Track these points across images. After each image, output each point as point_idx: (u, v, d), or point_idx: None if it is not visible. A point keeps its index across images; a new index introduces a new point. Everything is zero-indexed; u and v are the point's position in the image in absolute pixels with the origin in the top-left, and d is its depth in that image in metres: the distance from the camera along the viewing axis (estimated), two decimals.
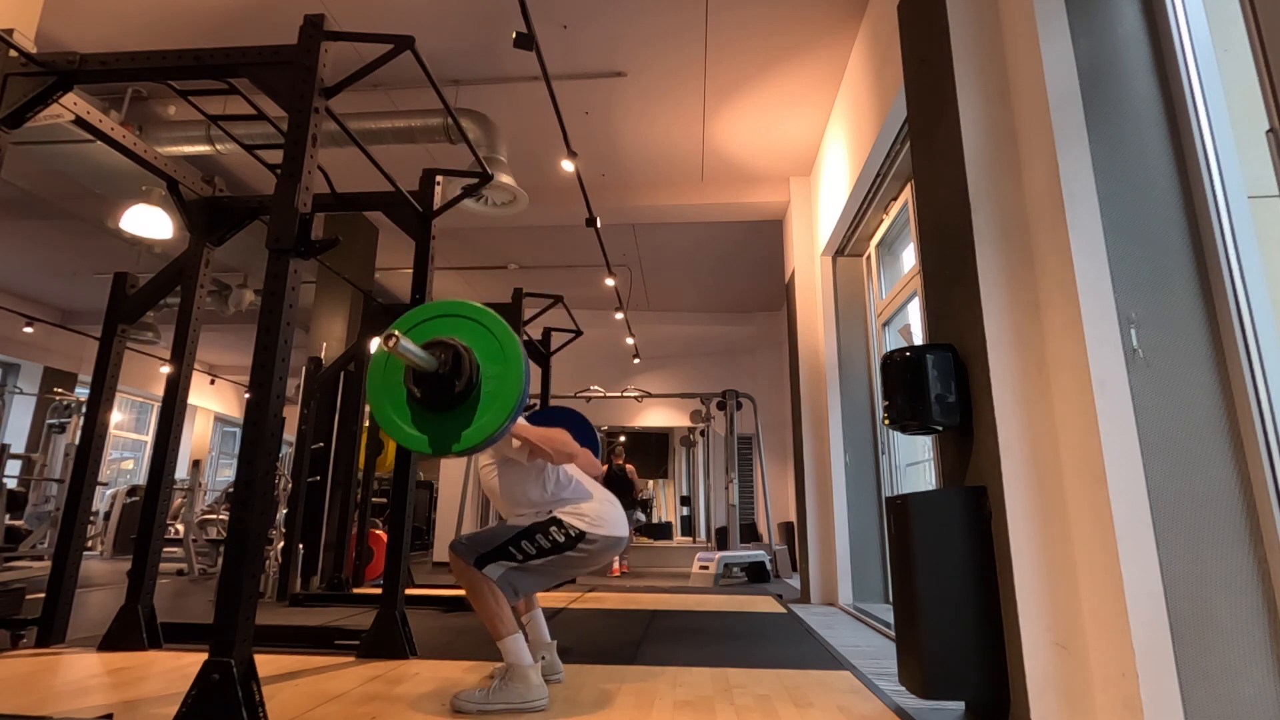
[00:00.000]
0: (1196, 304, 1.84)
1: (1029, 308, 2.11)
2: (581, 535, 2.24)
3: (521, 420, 2.23)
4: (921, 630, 2.02)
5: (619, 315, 8.04)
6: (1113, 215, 1.91)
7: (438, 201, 3.39)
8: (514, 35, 3.21)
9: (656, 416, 11.95)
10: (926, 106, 2.61)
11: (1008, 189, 2.20)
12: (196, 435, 13.63)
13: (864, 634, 3.73)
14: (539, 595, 2.57)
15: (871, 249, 5.01)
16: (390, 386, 1.94)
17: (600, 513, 2.30)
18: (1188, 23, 1.97)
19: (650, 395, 8.95)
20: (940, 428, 2.26)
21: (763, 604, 4.72)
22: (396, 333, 1.72)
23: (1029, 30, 2.11)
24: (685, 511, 15.22)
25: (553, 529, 2.23)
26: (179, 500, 7.58)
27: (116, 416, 12.16)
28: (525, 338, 5.40)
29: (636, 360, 10.67)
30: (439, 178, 3.43)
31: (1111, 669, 1.71)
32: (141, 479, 11.64)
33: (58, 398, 8.23)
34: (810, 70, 4.53)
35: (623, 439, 11.20)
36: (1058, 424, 1.99)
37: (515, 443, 2.22)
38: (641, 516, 11.50)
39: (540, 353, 5.93)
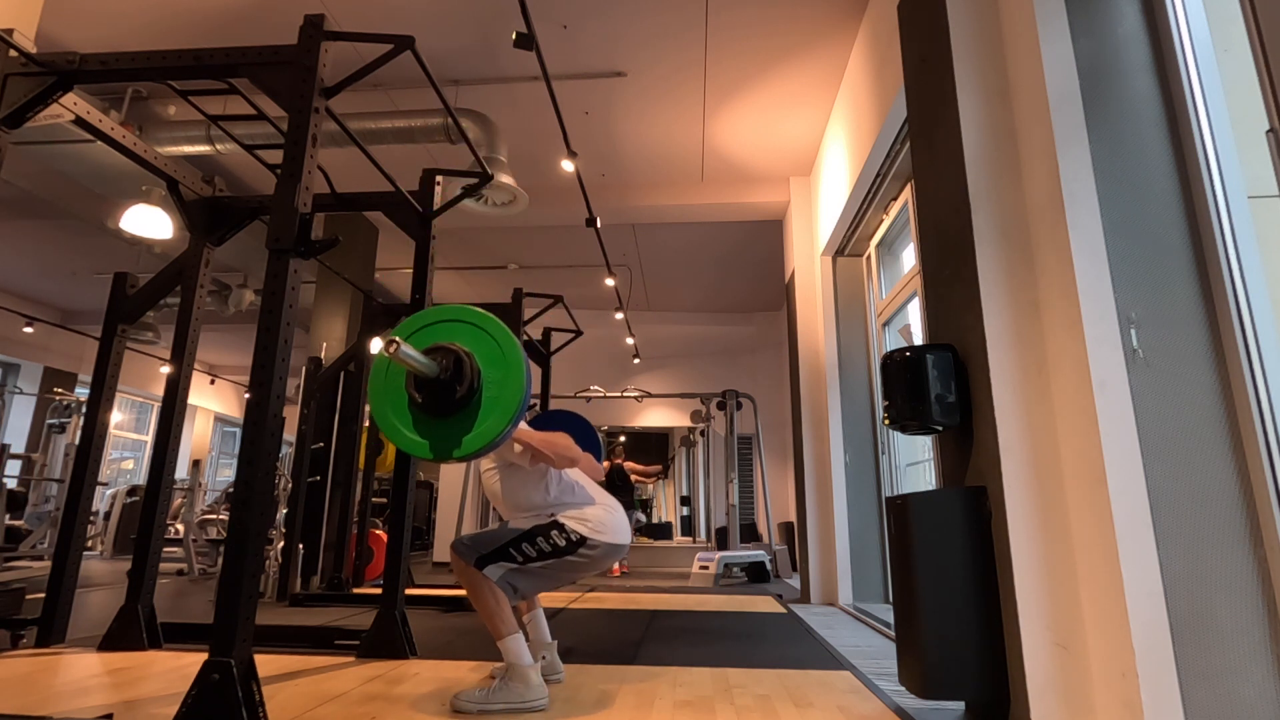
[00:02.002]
0: (1196, 304, 1.84)
1: (1029, 308, 2.11)
2: (583, 540, 2.23)
3: (523, 424, 2.23)
4: (921, 630, 2.02)
5: (619, 315, 8.03)
6: (1113, 215, 1.91)
7: (438, 201, 3.39)
8: (514, 35, 3.21)
9: (656, 416, 11.95)
10: (926, 106, 2.61)
11: (1008, 189, 2.20)
12: (196, 435, 13.63)
13: (864, 634, 3.73)
14: (540, 595, 2.57)
15: (871, 249, 5.01)
16: (392, 391, 1.94)
17: (603, 518, 2.29)
18: (1188, 23, 1.97)
19: (650, 395, 8.95)
20: (940, 428, 2.26)
21: (763, 604, 4.72)
22: (398, 339, 1.72)
23: (1029, 30, 2.11)
24: (685, 511, 15.21)
25: (554, 532, 2.22)
26: (179, 500, 7.58)
27: (116, 416, 12.16)
28: (525, 338, 5.40)
29: (636, 360, 10.67)
30: (439, 178, 3.43)
31: (1111, 669, 1.71)
32: (141, 479, 11.64)
33: (58, 398, 8.23)
34: (810, 70, 4.53)
35: (623, 439, 11.20)
36: (1058, 424, 1.99)
37: (517, 447, 2.22)
38: (642, 517, 11.50)
39: (540, 353, 5.93)
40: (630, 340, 9.30)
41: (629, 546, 2.39)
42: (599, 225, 5.28)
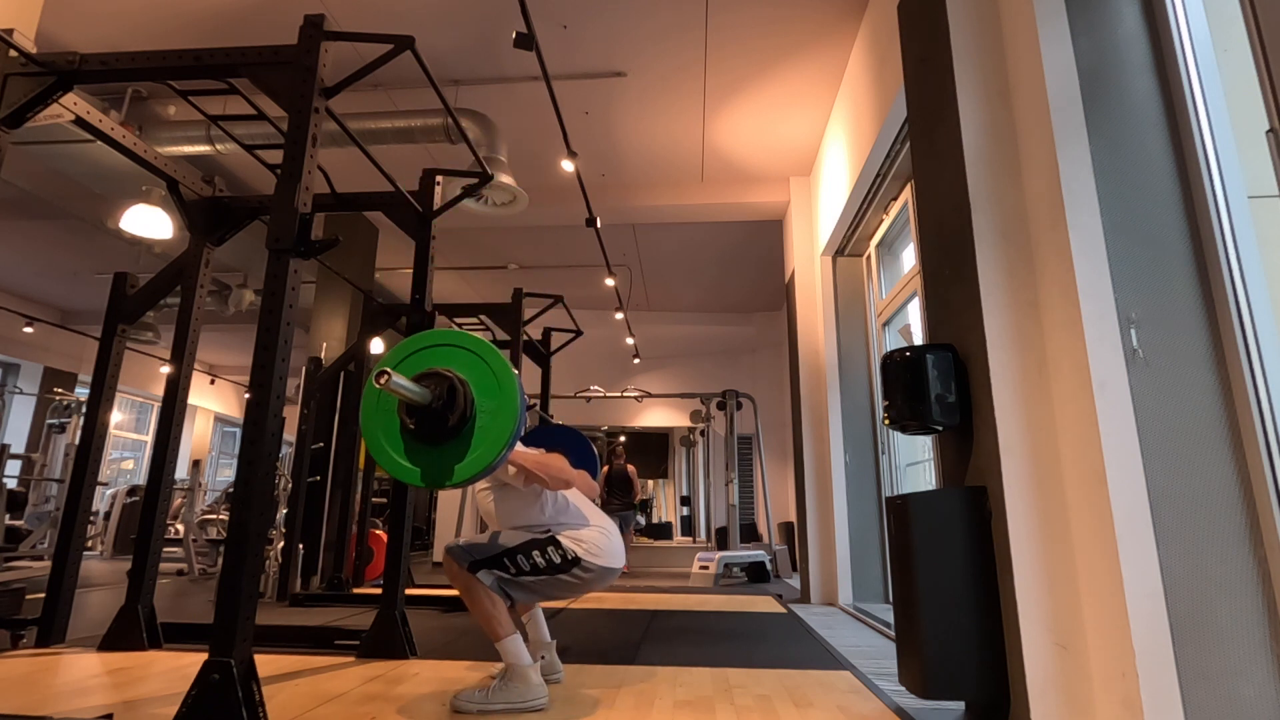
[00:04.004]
0: (1196, 304, 1.84)
1: (1029, 308, 2.11)
2: (578, 560, 2.21)
3: (518, 445, 2.22)
4: (921, 630, 2.02)
5: (619, 315, 8.04)
6: (1113, 215, 1.91)
7: (438, 201, 3.39)
8: (514, 35, 3.21)
9: (656, 416, 11.95)
10: (926, 106, 2.61)
11: (1008, 189, 2.20)
12: (196, 435, 13.63)
13: (864, 634, 3.73)
14: None
15: (871, 249, 5.01)
16: (384, 416, 1.92)
17: (598, 542, 2.27)
18: (1188, 23, 1.97)
19: (650, 395, 8.95)
20: (940, 428, 2.26)
21: (763, 604, 4.72)
22: (389, 370, 1.70)
23: (1029, 30, 2.11)
24: (685, 511, 15.22)
25: (550, 548, 2.20)
26: (179, 500, 7.58)
27: (116, 416, 12.16)
28: (525, 338, 5.40)
29: (636, 360, 10.67)
30: (439, 178, 3.43)
31: (1111, 669, 1.71)
32: (141, 479, 11.65)
33: (58, 398, 8.23)
34: (810, 70, 4.53)
35: (623, 439, 11.20)
36: (1058, 424, 1.99)
37: (511, 469, 2.20)
38: (641, 520, 11.50)
39: (540, 353, 5.93)
40: (630, 340, 9.30)
41: (621, 570, 2.37)
42: (599, 225, 5.28)
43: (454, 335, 1.99)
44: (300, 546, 4.99)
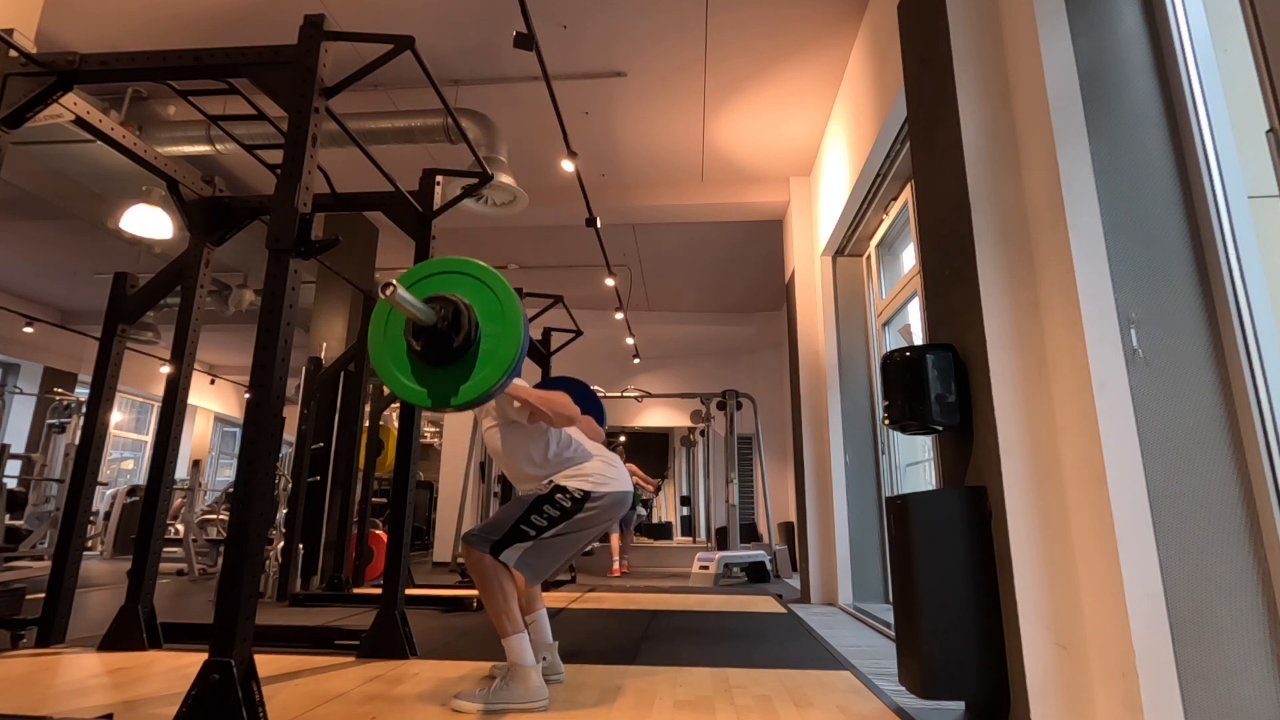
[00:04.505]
0: (1196, 304, 1.84)
1: (1029, 308, 2.11)
2: (587, 495, 2.25)
3: (522, 382, 2.25)
4: (921, 630, 2.02)
5: (619, 315, 8.04)
6: (1113, 215, 1.91)
7: (438, 201, 3.39)
8: (514, 35, 3.21)
9: (656, 416, 11.95)
10: (927, 106, 2.61)
11: (1008, 189, 2.20)
12: (196, 435, 13.63)
13: (864, 634, 3.73)
14: (544, 595, 2.57)
15: (871, 249, 5.01)
16: (391, 340, 1.96)
17: (603, 471, 2.31)
18: (1188, 23, 1.97)
19: (650, 395, 8.95)
20: (940, 428, 2.26)
21: (763, 604, 4.72)
22: (395, 283, 1.72)
23: (1029, 30, 2.11)
24: (685, 511, 15.21)
25: (558, 496, 2.24)
26: (179, 500, 7.58)
27: (116, 416, 12.16)
28: None
29: (636, 360, 10.67)
30: (439, 178, 3.43)
31: (1111, 669, 1.71)
32: (141, 479, 11.64)
33: (58, 398, 8.24)
34: (810, 70, 4.53)
35: (623, 439, 11.20)
36: (1058, 424, 1.99)
37: (516, 404, 2.24)
38: (643, 511, 11.48)
39: (540, 353, 5.93)
40: (630, 340, 9.30)
41: (632, 495, 2.41)
42: (599, 225, 5.28)
43: (459, 263, 2.02)
44: (300, 546, 4.99)
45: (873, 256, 5.03)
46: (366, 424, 5.52)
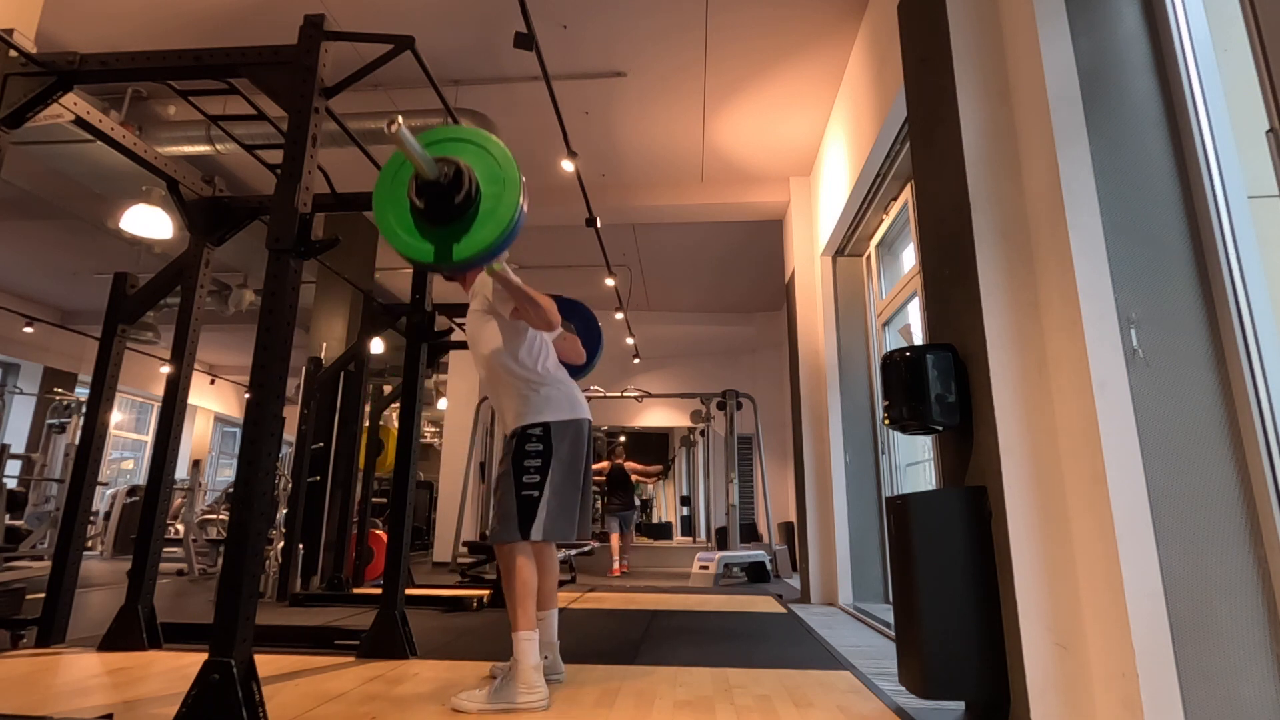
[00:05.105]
0: (1196, 304, 1.84)
1: (1029, 308, 2.11)
2: (548, 427, 2.29)
3: (518, 279, 2.29)
4: (921, 630, 2.02)
5: (619, 315, 8.03)
6: (1113, 215, 1.91)
7: None
8: (514, 35, 3.21)
9: (656, 416, 11.96)
10: (926, 106, 2.61)
11: (1008, 189, 2.20)
12: (196, 435, 13.63)
13: (864, 634, 3.73)
14: (559, 595, 2.59)
15: (871, 249, 5.01)
16: (395, 198, 2.01)
17: (554, 396, 2.35)
18: (1188, 23, 1.97)
19: (650, 395, 8.94)
20: (940, 428, 2.26)
21: (763, 604, 4.72)
22: (399, 119, 1.75)
23: (1029, 30, 2.11)
24: (685, 511, 15.22)
25: (527, 445, 2.28)
26: (179, 500, 7.58)
27: (116, 416, 12.16)
28: None
29: (636, 360, 10.67)
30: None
31: (1111, 669, 1.71)
32: (141, 479, 11.64)
33: (58, 398, 8.23)
34: (810, 70, 4.53)
35: (623, 439, 11.20)
36: (1058, 424, 1.99)
37: (504, 291, 2.29)
38: (637, 502, 11.47)
39: None
40: (630, 340, 9.30)
41: (589, 420, 2.45)
42: (599, 225, 5.28)
43: (463, 131, 2.06)
44: (300, 546, 4.99)
45: (873, 256, 5.03)
46: (366, 424, 5.52)
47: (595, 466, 8.14)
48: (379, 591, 3.23)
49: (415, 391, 3.13)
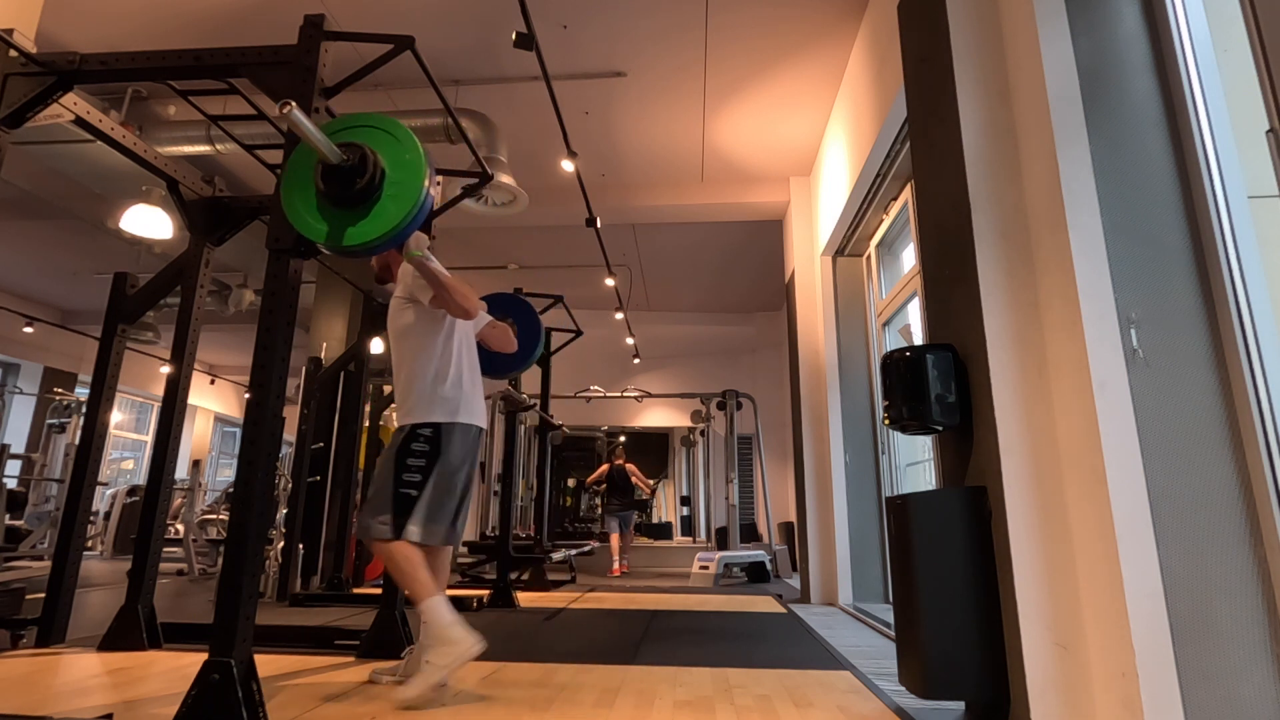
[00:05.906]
0: (1196, 304, 1.84)
1: (1029, 308, 2.11)
2: (438, 428, 2.30)
3: (440, 266, 2.30)
4: (921, 630, 2.02)
5: (619, 315, 8.04)
6: (1113, 215, 1.91)
7: (438, 201, 3.38)
8: (514, 35, 3.21)
9: (656, 416, 11.95)
10: (926, 106, 2.61)
11: (1008, 189, 2.20)
12: (196, 435, 13.63)
13: (864, 634, 3.73)
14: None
15: (871, 249, 5.01)
16: (302, 181, 2.03)
17: (451, 396, 2.35)
18: (1188, 23, 1.97)
19: (650, 395, 8.95)
20: (940, 428, 2.26)
21: (763, 604, 4.72)
22: (292, 102, 1.76)
23: (1029, 30, 2.11)
24: (685, 511, 15.21)
25: (415, 444, 2.28)
26: (179, 500, 7.58)
27: (116, 416, 12.16)
28: None
29: (636, 360, 10.67)
30: (439, 178, 3.42)
31: (1111, 669, 1.71)
32: (141, 479, 11.64)
33: (58, 398, 8.24)
34: (810, 70, 4.53)
35: (622, 439, 11.20)
36: (1058, 424, 1.99)
37: (421, 282, 2.31)
38: (638, 501, 11.48)
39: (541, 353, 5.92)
40: (630, 340, 9.30)
41: (482, 429, 2.45)
42: (599, 225, 5.28)
43: (374, 118, 2.08)
44: (300, 546, 4.99)
45: (873, 256, 5.03)
46: (366, 424, 5.51)
47: (598, 471, 8.17)
48: (379, 591, 3.23)
49: None
